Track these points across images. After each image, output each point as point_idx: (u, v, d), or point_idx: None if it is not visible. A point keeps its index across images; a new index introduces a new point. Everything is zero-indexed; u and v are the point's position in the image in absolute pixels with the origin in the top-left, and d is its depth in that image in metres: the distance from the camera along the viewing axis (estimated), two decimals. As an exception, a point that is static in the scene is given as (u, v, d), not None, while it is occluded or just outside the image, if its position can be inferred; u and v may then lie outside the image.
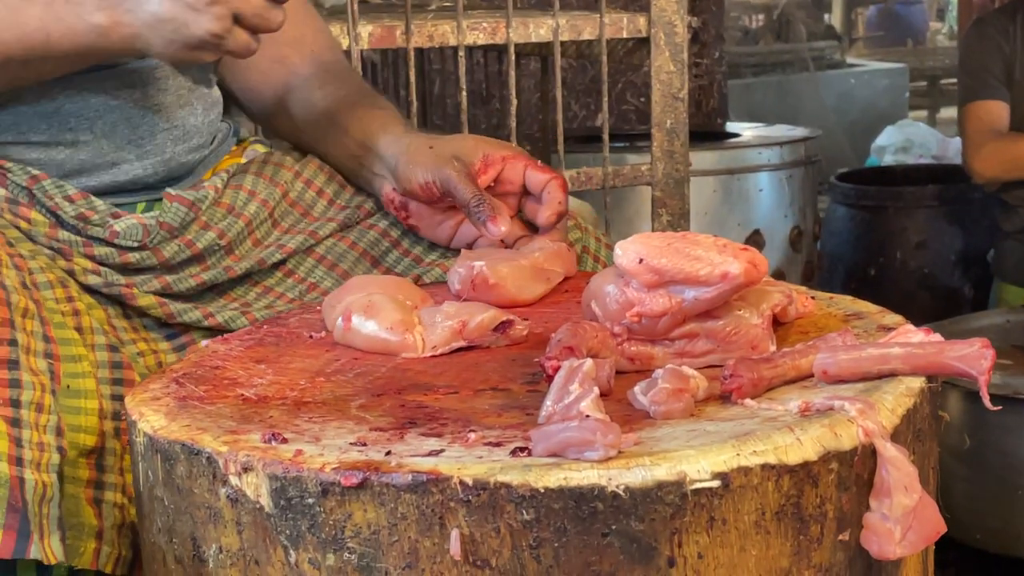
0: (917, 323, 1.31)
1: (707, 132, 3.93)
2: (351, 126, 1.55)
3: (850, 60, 8.66)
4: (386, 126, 1.53)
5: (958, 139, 5.75)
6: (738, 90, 6.90)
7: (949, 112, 7.91)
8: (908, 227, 3.98)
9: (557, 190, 1.45)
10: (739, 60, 7.80)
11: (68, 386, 1.17)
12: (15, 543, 1.03)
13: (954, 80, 6.80)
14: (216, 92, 1.63)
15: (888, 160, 5.52)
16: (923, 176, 4.34)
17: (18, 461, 1.06)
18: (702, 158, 3.28)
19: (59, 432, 1.12)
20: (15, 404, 1.09)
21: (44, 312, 1.20)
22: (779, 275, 3.39)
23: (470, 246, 1.48)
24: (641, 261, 1.08)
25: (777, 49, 8.03)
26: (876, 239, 4.01)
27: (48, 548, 1.05)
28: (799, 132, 3.69)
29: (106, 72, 1.46)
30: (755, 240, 3.36)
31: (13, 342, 1.12)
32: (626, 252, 1.09)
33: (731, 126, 4.22)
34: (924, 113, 8.64)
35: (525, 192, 1.49)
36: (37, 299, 1.20)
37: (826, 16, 9.93)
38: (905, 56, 9.42)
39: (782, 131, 3.77)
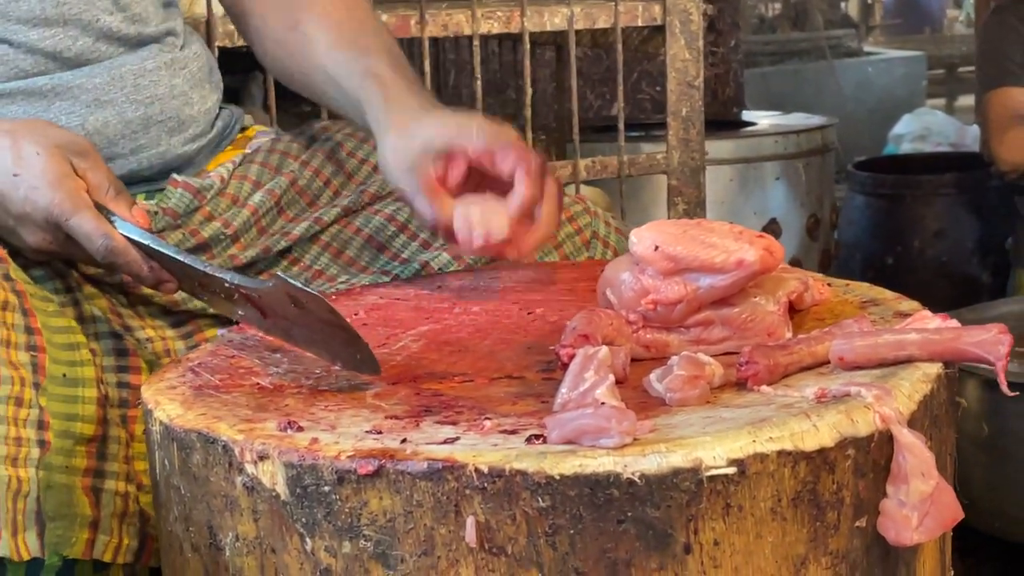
0: (935, 311, 1.29)
1: (723, 121, 3.92)
2: (351, 103, 1.49)
3: (867, 48, 8.63)
4: (376, 111, 1.43)
5: (976, 127, 5.74)
6: (755, 78, 6.88)
7: (967, 100, 7.88)
8: (926, 215, 3.97)
9: (523, 178, 1.29)
10: (756, 48, 7.77)
11: (64, 375, 1.16)
12: None
13: (972, 68, 6.77)
14: (216, 78, 1.61)
15: (906, 148, 5.51)
16: (941, 164, 4.33)
17: None
18: (718, 147, 3.27)
19: (41, 425, 1.11)
20: None
21: (29, 303, 1.18)
22: (796, 264, 3.39)
23: None
24: (656, 248, 1.08)
25: (794, 37, 8.00)
26: (894, 227, 4.00)
27: (21, 544, 1.05)
28: (815, 121, 3.68)
29: (95, 67, 1.44)
30: (772, 229, 3.35)
31: None
32: (641, 239, 1.09)
33: (748, 115, 4.20)
34: (942, 101, 8.60)
35: None
36: (21, 290, 1.19)
37: (843, 4, 9.89)
38: (922, 44, 9.38)
39: (798, 120, 3.76)
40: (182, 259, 1.25)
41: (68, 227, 1.25)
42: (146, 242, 1.27)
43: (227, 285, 1.19)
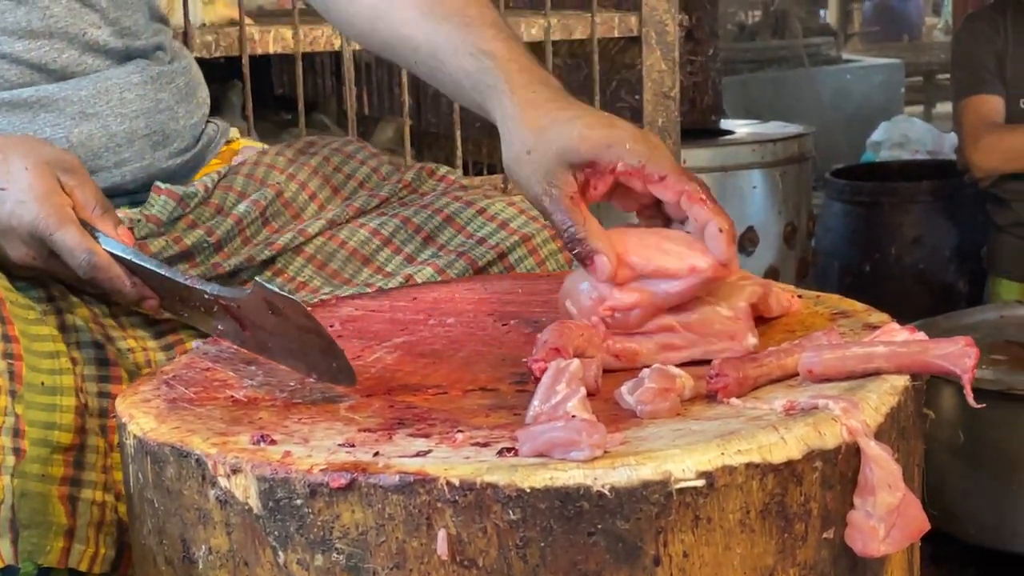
0: (912, 319, 1.29)
1: (702, 129, 3.93)
2: (456, 82, 1.32)
3: (846, 56, 8.67)
4: (500, 100, 1.24)
5: (954, 134, 5.77)
6: (735, 86, 6.91)
7: (945, 107, 7.91)
8: (903, 223, 4.00)
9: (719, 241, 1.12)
10: (736, 56, 7.80)
11: (43, 383, 1.16)
12: None
13: (949, 75, 6.80)
14: (203, 93, 1.62)
15: (884, 155, 5.53)
16: (918, 171, 4.35)
17: None
18: (696, 155, 3.28)
19: (17, 433, 1.12)
20: None
21: (7, 311, 1.19)
22: (773, 272, 3.40)
23: None
24: None
25: (773, 45, 8.04)
26: (871, 235, 4.02)
27: None
28: (792, 129, 3.70)
29: (81, 80, 1.45)
30: (749, 237, 3.37)
31: None
32: None
33: (726, 123, 4.22)
34: (920, 108, 8.64)
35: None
36: (1, 298, 1.20)
37: (822, 12, 9.93)
38: (901, 51, 9.42)
39: (776, 128, 3.78)
40: (164, 273, 1.25)
41: (52, 242, 1.26)
42: (129, 257, 1.27)
43: (207, 297, 1.20)
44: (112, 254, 1.27)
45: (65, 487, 1.15)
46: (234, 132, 1.70)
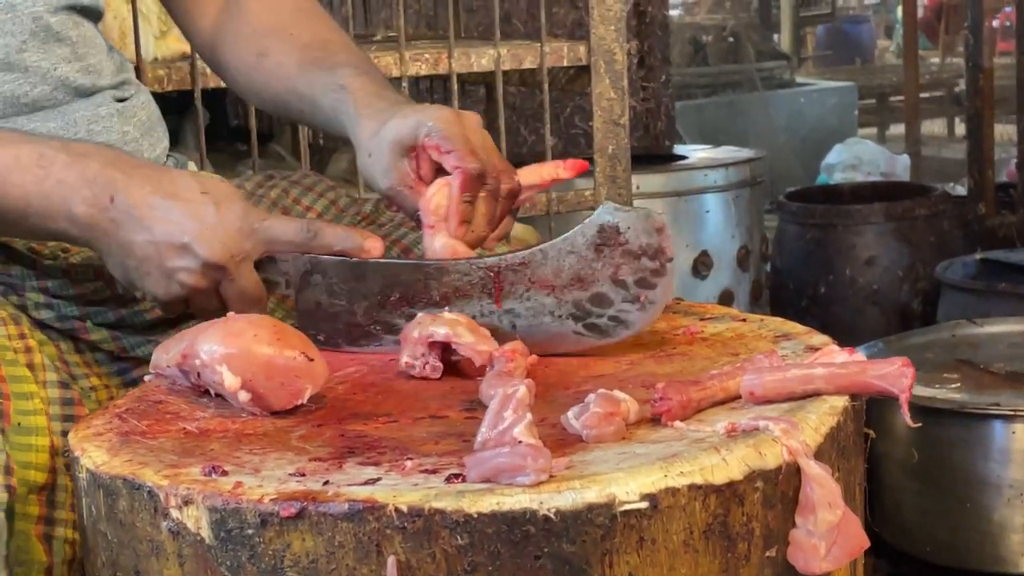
0: (866, 339, 1.30)
1: (655, 155, 3.96)
2: (328, 119, 1.51)
3: (799, 79, 8.75)
4: (351, 121, 1.45)
5: (906, 156, 5.84)
6: (690, 111, 6.96)
7: (898, 129, 8.00)
8: (856, 244, 4.03)
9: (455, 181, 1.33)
10: (690, 81, 7.86)
11: (19, 424, 1.18)
12: None
13: (902, 97, 6.85)
14: (162, 127, 1.64)
15: (837, 178, 5.58)
16: (870, 193, 4.39)
17: None
18: (650, 181, 3.31)
19: (8, 471, 1.13)
20: None
21: None
22: (728, 295, 3.43)
23: None
24: None
25: (727, 70, 8.10)
26: (825, 256, 4.05)
27: None
28: (744, 153, 3.73)
29: (50, 112, 1.46)
30: (703, 261, 3.40)
31: None
32: None
33: (681, 148, 4.26)
34: (873, 130, 8.72)
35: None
36: None
37: (775, 36, 10.02)
38: (854, 74, 9.51)
39: (728, 152, 3.81)
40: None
41: (263, 228, 1.27)
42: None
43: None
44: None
45: (41, 526, 1.17)
46: (192, 165, 1.72)
